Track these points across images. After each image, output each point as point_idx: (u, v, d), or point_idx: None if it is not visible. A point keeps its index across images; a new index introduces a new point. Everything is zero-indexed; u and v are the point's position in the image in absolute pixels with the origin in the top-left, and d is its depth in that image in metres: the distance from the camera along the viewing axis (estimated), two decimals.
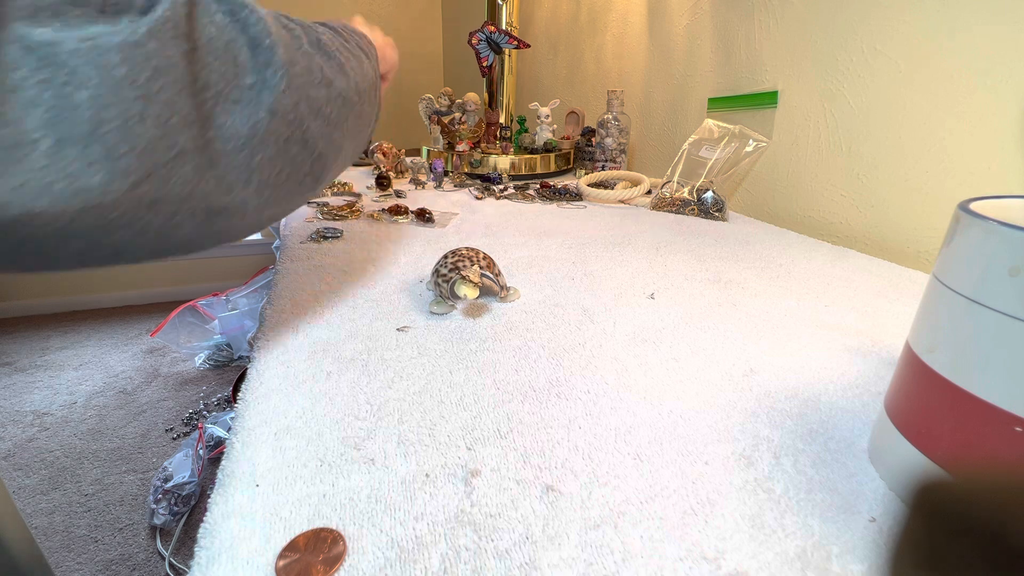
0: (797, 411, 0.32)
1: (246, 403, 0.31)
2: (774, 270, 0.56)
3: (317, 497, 0.24)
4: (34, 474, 1.26)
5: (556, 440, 0.28)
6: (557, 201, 0.89)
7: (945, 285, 0.23)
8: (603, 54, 1.26)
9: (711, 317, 0.44)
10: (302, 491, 0.24)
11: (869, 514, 0.24)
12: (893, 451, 0.26)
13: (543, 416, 0.31)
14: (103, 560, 1.05)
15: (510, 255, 0.59)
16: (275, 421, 0.29)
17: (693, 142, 0.87)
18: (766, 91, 0.80)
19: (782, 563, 0.22)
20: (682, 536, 0.23)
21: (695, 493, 0.25)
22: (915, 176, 0.62)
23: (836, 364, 0.37)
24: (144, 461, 1.31)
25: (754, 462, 0.27)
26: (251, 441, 0.27)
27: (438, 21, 2.42)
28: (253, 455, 0.26)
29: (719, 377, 0.35)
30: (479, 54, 1.11)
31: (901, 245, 0.64)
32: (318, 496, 0.24)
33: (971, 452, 0.22)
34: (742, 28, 0.84)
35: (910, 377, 0.25)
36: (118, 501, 1.19)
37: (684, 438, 0.29)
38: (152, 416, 1.47)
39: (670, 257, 0.60)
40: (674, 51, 1.01)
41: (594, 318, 0.43)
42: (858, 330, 0.43)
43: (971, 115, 0.56)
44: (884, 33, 0.63)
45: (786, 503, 0.25)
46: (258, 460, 0.26)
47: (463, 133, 1.10)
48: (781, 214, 0.80)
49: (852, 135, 0.69)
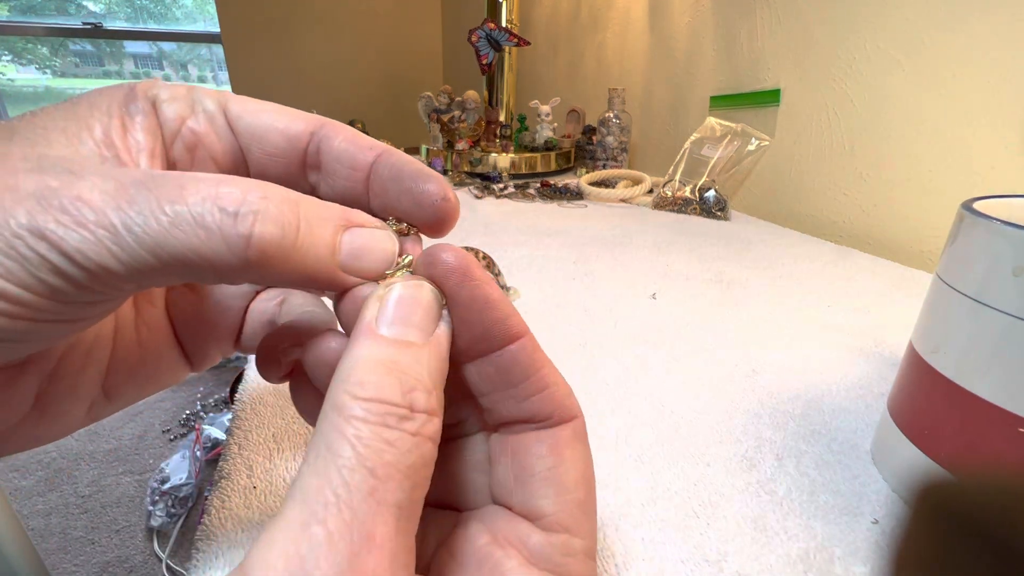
0: (800, 412, 0.32)
1: (243, 404, 0.30)
2: (776, 270, 0.56)
3: None
4: (30, 475, 1.26)
5: None
6: (558, 200, 0.89)
7: (949, 285, 0.22)
8: (604, 52, 1.25)
9: (713, 317, 0.44)
10: None
11: (872, 516, 0.24)
12: (896, 452, 0.25)
13: None
14: (100, 562, 1.05)
15: (510, 255, 0.59)
16: (272, 423, 0.29)
17: (695, 141, 0.87)
18: (768, 89, 0.80)
19: (784, 565, 0.21)
20: (684, 538, 0.22)
21: (697, 495, 0.25)
22: (918, 175, 0.62)
23: (839, 365, 0.37)
24: (141, 462, 1.31)
25: (756, 464, 0.27)
26: (248, 443, 0.27)
27: (438, 18, 2.41)
28: (250, 457, 0.26)
29: (721, 378, 0.35)
30: (479, 52, 1.10)
31: (904, 244, 0.64)
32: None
33: (975, 454, 0.22)
34: (744, 25, 0.84)
35: (913, 378, 0.25)
36: (115, 503, 1.19)
37: (686, 439, 0.29)
38: (149, 417, 1.47)
39: (672, 256, 0.60)
40: (675, 49, 1.01)
41: (595, 318, 0.43)
42: (861, 330, 0.43)
43: (975, 113, 0.55)
44: (887, 31, 0.63)
45: (789, 505, 0.24)
46: (255, 462, 0.26)
47: (463, 131, 1.10)
48: (783, 213, 0.80)
49: (855, 134, 0.68)
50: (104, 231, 0.10)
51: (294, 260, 0.11)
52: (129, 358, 0.16)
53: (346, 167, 0.14)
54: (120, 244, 0.10)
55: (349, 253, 0.12)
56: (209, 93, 0.14)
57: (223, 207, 0.10)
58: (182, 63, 3.32)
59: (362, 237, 0.13)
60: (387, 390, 0.10)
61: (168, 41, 3.05)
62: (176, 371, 0.18)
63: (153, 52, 3.22)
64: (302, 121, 0.14)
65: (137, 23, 2.76)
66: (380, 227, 0.13)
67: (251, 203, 0.10)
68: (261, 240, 0.10)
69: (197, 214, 0.10)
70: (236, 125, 0.14)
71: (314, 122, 0.14)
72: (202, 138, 0.14)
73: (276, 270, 0.11)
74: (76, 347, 0.15)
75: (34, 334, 0.11)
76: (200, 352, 0.18)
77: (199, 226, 0.10)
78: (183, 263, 0.10)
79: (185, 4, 2.80)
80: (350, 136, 0.14)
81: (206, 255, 0.10)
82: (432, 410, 0.11)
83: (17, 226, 0.10)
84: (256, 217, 0.10)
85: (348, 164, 0.14)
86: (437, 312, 0.13)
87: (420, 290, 0.13)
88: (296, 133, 0.14)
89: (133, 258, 0.10)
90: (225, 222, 0.10)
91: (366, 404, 0.10)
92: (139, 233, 0.10)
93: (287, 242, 0.11)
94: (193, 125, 0.14)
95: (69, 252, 0.10)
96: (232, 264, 0.10)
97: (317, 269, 0.12)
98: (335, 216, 0.12)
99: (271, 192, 0.11)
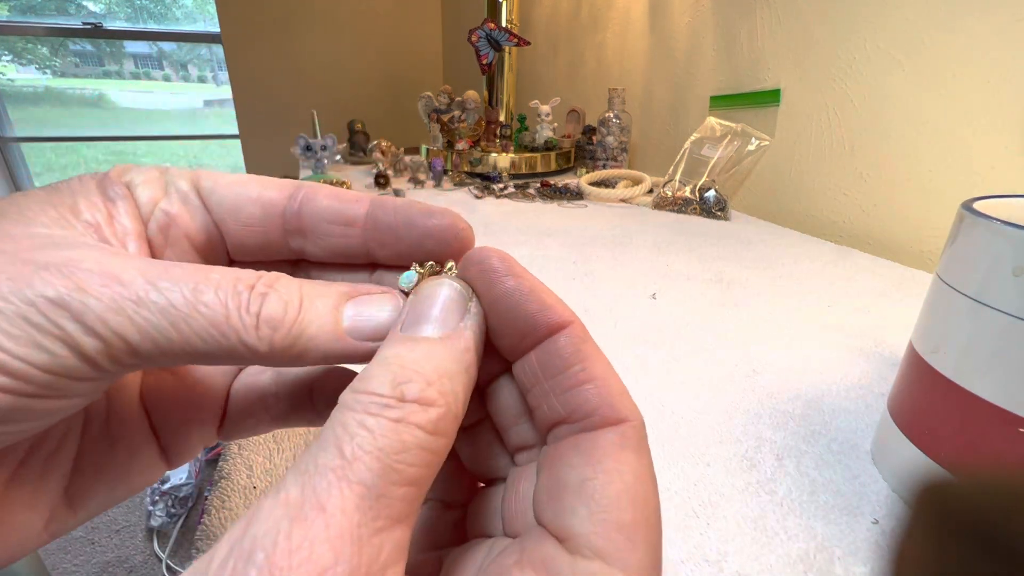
0: (800, 412, 0.32)
1: None
2: (776, 270, 0.56)
3: None
4: None
5: None
6: (558, 200, 0.89)
7: (949, 285, 0.22)
8: (604, 52, 1.25)
9: (713, 317, 0.44)
10: None
11: (872, 516, 0.24)
12: (896, 452, 0.25)
13: None
14: (100, 562, 1.05)
15: (510, 255, 0.59)
16: None
17: (695, 140, 0.87)
18: (768, 89, 0.80)
19: (785, 566, 0.21)
20: (684, 538, 0.22)
21: (697, 495, 0.25)
22: (918, 175, 0.62)
23: (839, 365, 0.37)
24: None
25: (756, 464, 0.27)
26: (248, 443, 0.27)
27: (438, 18, 2.41)
28: (250, 457, 0.26)
29: (721, 378, 0.35)
30: (479, 51, 1.10)
31: (904, 244, 0.64)
32: None
33: (975, 453, 0.22)
34: (744, 25, 0.84)
35: (913, 378, 0.25)
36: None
37: (686, 439, 0.29)
38: None
39: (672, 257, 0.60)
40: (676, 49, 1.01)
41: (595, 318, 0.43)
42: (861, 330, 0.43)
43: (975, 113, 0.55)
44: (887, 31, 0.63)
45: (789, 505, 0.24)
46: (255, 462, 0.26)
47: (462, 131, 1.10)
48: (783, 213, 0.80)
49: (855, 134, 0.68)
50: (130, 302, 0.10)
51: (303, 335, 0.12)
52: (98, 456, 0.15)
53: (338, 224, 0.14)
54: (143, 315, 0.10)
55: (354, 322, 0.13)
56: (182, 173, 0.14)
57: (239, 290, 0.11)
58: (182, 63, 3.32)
59: (363, 304, 0.13)
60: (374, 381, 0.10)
61: (168, 41, 3.05)
62: (151, 468, 0.16)
63: (153, 52, 3.22)
64: (275, 188, 0.14)
65: (137, 23, 2.76)
66: (383, 292, 0.13)
67: (260, 288, 0.12)
68: (270, 319, 0.11)
69: (221, 299, 0.11)
70: (209, 200, 0.14)
71: (288, 187, 0.14)
72: (175, 218, 0.14)
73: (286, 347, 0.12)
74: (38, 447, 0.14)
75: (18, 414, 0.10)
76: (179, 442, 0.17)
77: (224, 310, 0.11)
78: (202, 340, 0.11)
79: (185, 4, 2.80)
80: (332, 193, 0.14)
81: (227, 334, 0.11)
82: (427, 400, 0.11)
83: (33, 294, 0.10)
84: (264, 300, 0.12)
85: (339, 220, 0.14)
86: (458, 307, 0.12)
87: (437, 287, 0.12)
88: (270, 199, 0.14)
89: (156, 329, 0.10)
90: (240, 303, 0.11)
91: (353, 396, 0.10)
92: (163, 305, 0.10)
93: (290, 317, 0.12)
94: (166, 206, 0.14)
95: (90, 321, 0.10)
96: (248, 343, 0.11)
97: (326, 343, 0.12)
98: (333, 292, 0.13)
99: (279, 277, 0.12)
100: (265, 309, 0.11)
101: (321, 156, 1.05)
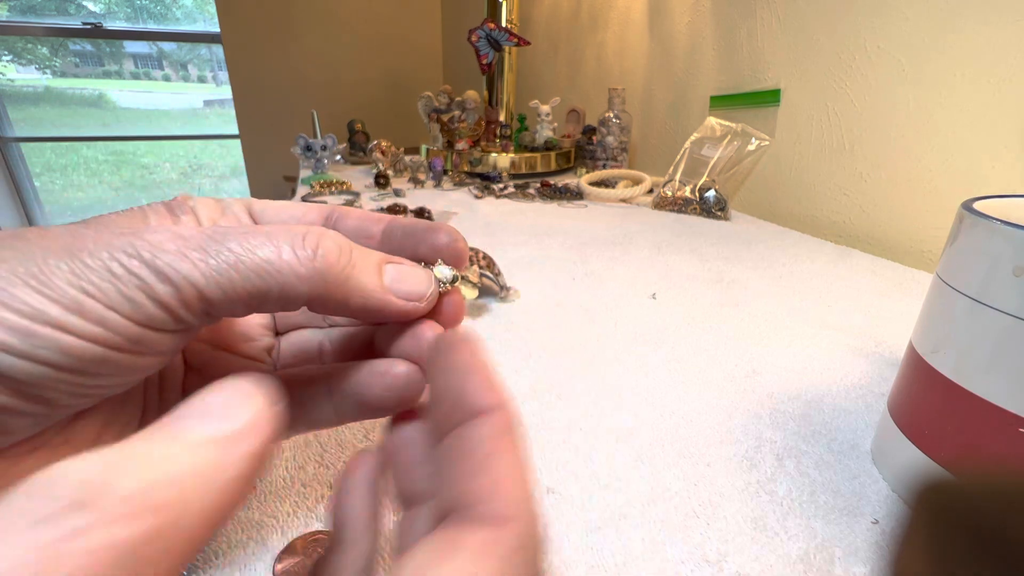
0: (800, 412, 0.32)
1: None
2: (777, 270, 0.56)
3: (314, 500, 0.24)
4: None
5: (556, 442, 0.28)
6: (558, 200, 0.89)
7: (949, 285, 0.22)
8: (604, 51, 1.25)
9: (713, 317, 0.44)
10: (299, 494, 0.24)
11: (872, 516, 0.24)
12: (896, 452, 0.25)
13: (543, 417, 0.30)
14: None
15: (510, 255, 0.59)
16: None
17: (695, 140, 0.87)
18: (768, 89, 0.80)
19: (785, 566, 0.21)
20: (684, 539, 0.22)
21: (697, 495, 0.25)
22: (918, 175, 0.62)
23: (839, 365, 0.37)
24: None
25: (756, 464, 0.27)
26: None
27: (437, 18, 2.41)
28: None
29: (721, 378, 0.35)
30: (479, 51, 1.10)
31: (904, 245, 0.64)
32: (315, 499, 0.24)
33: (975, 453, 0.22)
34: (744, 25, 0.84)
35: (913, 378, 0.25)
36: None
37: (686, 440, 0.29)
38: None
39: (672, 257, 0.60)
40: (676, 49, 1.01)
41: (595, 318, 0.43)
42: (861, 330, 0.43)
43: (975, 113, 0.55)
44: (887, 31, 0.63)
45: (789, 505, 0.24)
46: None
47: (462, 131, 1.10)
48: (784, 213, 0.80)
49: (855, 134, 0.68)
50: (194, 251, 0.12)
51: (351, 277, 0.14)
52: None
53: (361, 238, 0.17)
54: (207, 261, 0.12)
55: (393, 279, 0.15)
56: (236, 200, 0.17)
57: (295, 234, 0.13)
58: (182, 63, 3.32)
59: (401, 268, 0.15)
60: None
61: (168, 41, 3.05)
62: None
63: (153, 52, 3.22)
64: (315, 211, 0.17)
65: (137, 23, 2.76)
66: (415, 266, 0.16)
67: (315, 231, 0.13)
68: (325, 255, 0.13)
69: (275, 240, 0.13)
70: (260, 219, 0.17)
71: (325, 209, 0.17)
72: None
73: (337, 285, 0.13)
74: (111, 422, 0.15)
75: (106, 367, 0.12)
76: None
77: (276, 247, 0.13)
78: (260, 276, 0.12)
79: (185, 4, 2.80)
80: (360, 214, 0.17)
81: (282, 269, 0.12)
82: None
83: (114, 251, 0.11)
84: (320, 240, 0.13)
85: (363, 235, 0.17)
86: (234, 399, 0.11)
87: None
88: (312, 220, 0.17)
89: (218, 272, 0.12)
90: (296, 241, 0.13)
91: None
92: (222, 250, 0.12)
93: (343, 259, 0.13)
94: (223, 223, 0.16)
95: (162, 268, 0.11)
96: (302, 275, 0.13)
97: (371, 288, 0.14)
98: (376, 254, 0.15)
99: (329, 231, 0.14)
100: (322, 246, 0.13)
101: (321, 156, 1.05)
